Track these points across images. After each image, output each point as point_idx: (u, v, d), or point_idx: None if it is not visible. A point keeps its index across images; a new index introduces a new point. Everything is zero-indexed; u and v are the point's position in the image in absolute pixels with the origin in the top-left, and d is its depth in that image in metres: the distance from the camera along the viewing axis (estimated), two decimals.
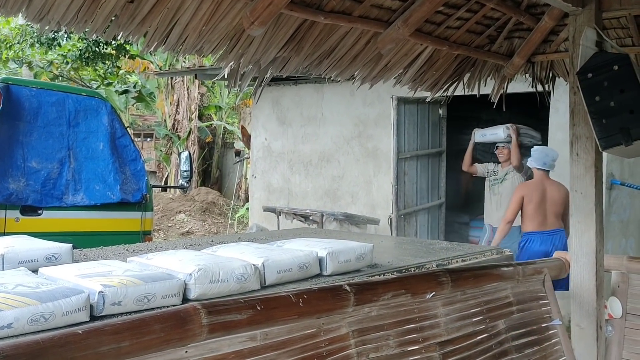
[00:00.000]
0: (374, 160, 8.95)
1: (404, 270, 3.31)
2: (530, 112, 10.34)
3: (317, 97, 9.54)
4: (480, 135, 8.00)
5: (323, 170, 9.49)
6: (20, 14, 2.23)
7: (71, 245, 3.01)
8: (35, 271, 2.59)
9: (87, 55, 15.74)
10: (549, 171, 6.48)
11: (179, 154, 13.49)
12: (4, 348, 1.37)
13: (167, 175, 18.81)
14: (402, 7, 3.18)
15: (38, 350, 1.41)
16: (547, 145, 7.25)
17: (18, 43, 16.68)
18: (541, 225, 6.32)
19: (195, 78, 15.93)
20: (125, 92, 18.71)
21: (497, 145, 7.74)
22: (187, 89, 18.52)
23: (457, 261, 3.74)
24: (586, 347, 3.39)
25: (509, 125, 7.74)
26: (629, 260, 3.82)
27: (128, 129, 9.19)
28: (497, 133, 7.76)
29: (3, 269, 2.69)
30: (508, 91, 4.28)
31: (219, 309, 1.80)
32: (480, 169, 7.90)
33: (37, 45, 15.92)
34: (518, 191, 6.55)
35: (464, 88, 4.16)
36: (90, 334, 1.52)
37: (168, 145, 19.00)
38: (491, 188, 7.62)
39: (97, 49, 15.65)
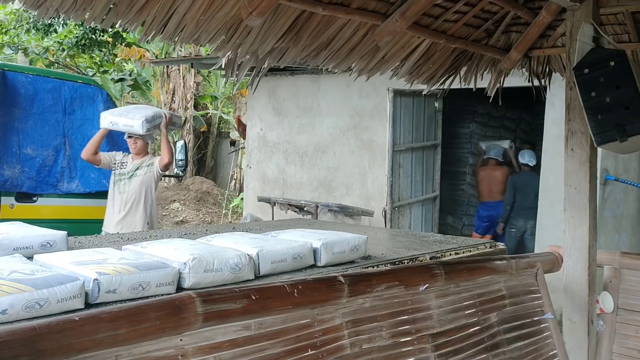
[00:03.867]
0: (369, 152, 8.96)
1: (397, 263, 3.32)
2: (526, 106, 10.41)
3: (314, 88, 9.52)
4: (110, 122, 5.96)
5: (318, 162, 9.49)
6: (17, 0, 2.23)
7: (66, 232, 3.01)
8: (30, 258, 2.59)
9: (83, 42, 15.59)
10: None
11: (174, 143, 13.42)
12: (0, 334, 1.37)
13: None
14: (400, 0, 3.18)
15: (34, 336, 1.42)
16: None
17: (14, 29, 16.52)
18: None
19: (192, 67, 15.87)
20: (121, 80, 18.60)
21: (129, 134, 5.99)
22: (183, 78, 18.45)
23: (450, 254, 3.75)
24: (577, 341, 3.42)
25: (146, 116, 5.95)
26: (621, 255, 3.85)
27: None
28: (132, 126, 5.84)
29: None
30: (504, 85, 4.29)
31: (213, 297, 1.81)
32: (106, 158, 6.02)
33: (33, 31, 15.74)
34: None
35: (460, 81, 4.17)
36: (87, 320, 1.52)
37: None
38: (116, 184, 5.93)
39: (93, 36, 15.49)
